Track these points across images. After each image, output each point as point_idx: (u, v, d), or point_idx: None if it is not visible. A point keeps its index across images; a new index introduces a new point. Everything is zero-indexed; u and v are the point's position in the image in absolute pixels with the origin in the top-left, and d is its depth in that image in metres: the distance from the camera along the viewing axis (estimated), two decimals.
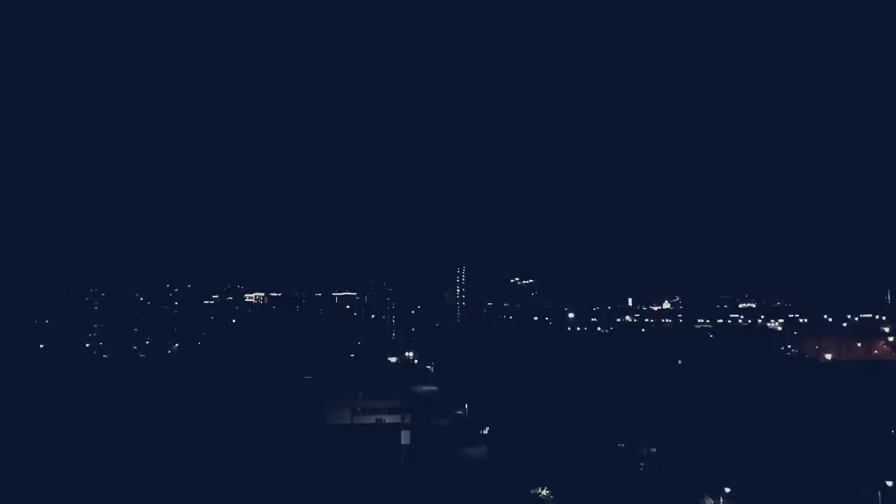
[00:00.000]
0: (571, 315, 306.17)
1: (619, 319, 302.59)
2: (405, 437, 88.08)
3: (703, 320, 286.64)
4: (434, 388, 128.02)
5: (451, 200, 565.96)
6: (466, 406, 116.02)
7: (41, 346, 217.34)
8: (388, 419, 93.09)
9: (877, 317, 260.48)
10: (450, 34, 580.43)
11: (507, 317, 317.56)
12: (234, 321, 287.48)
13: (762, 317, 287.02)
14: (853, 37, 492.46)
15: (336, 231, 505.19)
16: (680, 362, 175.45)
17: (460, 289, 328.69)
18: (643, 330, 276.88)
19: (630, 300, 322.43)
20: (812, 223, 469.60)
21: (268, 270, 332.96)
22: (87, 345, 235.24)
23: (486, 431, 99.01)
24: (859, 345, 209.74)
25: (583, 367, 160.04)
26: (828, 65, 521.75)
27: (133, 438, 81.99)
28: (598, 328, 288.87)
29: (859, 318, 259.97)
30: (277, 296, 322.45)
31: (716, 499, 69.36)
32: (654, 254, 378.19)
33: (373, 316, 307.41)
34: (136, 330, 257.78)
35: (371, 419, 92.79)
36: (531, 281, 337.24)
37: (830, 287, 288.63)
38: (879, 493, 66.97)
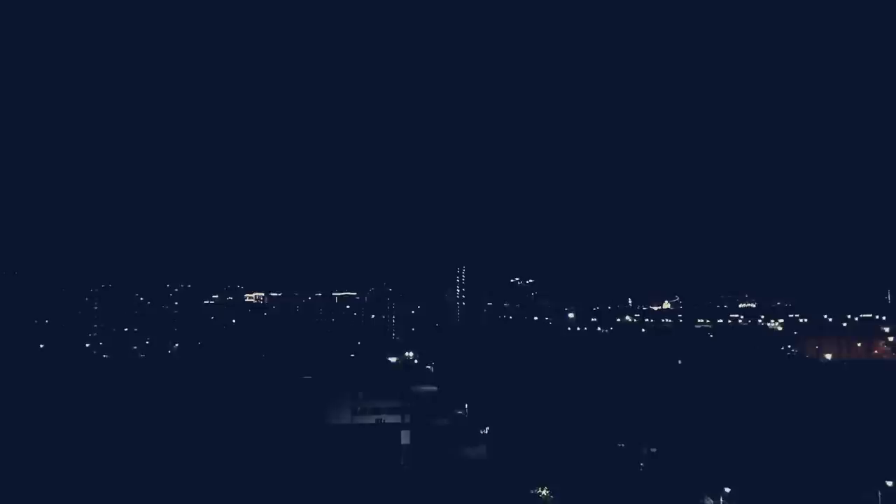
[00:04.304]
0: (571, 315, 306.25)
1: (619, 319, 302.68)
2: (405, 437, 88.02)
3: (703, 320, 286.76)
4: (434, 388, 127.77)
5: (451, 200, 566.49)
6: (466, 406, 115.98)
7: (41, 346, 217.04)
8: (388, 419, 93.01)
9: (877, 317, 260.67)
10: (449, 35, 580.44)
11: (507, 317, 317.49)
12: (234, 321, 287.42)
13: (762, 317, 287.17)
14: (853, 37, 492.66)
15: (336, 231, 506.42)
16: (680, 362, 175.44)
17: (460, 289, 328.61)
18: (643, 330, 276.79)
19: (630, 300, 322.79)
20: (812, 223, 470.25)
21: (268, 270, 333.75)
22: (87, 345, 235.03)
23: (486, 431, 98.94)
24: (859, 345, 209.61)
25: (583, 366, 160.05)
26: (828, 65, 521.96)
27: (133, 439, 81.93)
28: (598, 328, 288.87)
29: (859, 318, 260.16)
30: (277, 296, 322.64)
31: (716, 499, 69.34)
32: (654, 254, 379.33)
33: (373, 316, 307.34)
34: (136, 330, 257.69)
35: (371, 419, 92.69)
36: (531, 281, 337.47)
37: (830, 287, 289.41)
38: (879, 493, 66.94)
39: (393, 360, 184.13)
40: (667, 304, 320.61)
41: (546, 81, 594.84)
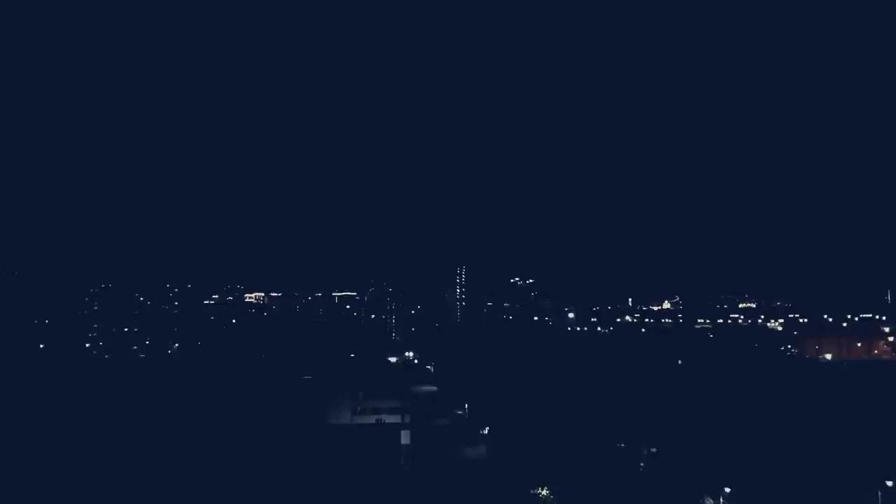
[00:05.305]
0: (571, 315, 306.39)
1: (619, 319, 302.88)
2: (405, 437, 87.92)
3: (703, 320, 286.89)
4: (434, 388, 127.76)
5: (450, 200, 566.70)
6: (466, 406, 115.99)
7: (41, 346, 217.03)
8: (388, 419, 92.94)
9: (877, 317, 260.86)
10: (449, 35, 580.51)
11: (507, 317, 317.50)
12: (234, 321, 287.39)
13: (762, 317, 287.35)
14: (853, 37, 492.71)
15: (336, 231, 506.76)
16: (680, 362, 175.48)
17: (460, 289, 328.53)
18: (643, 330, 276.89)
19: (630, 300, 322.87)
20: (812, 223, 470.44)
21: (268, 270, 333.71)
22: (87, 345, 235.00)
23: (486, 431, 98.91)
24: (859, 345, 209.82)
25: (583, 366, 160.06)
26: (828, 65, 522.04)
27: (133, 439, 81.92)
28: (598, 328, 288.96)
29: (859, 318, 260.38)
30: (277, 296, 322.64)
31: (716, 499, 69.33)
32: (654, 254, 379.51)
33: (373, 316, 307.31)
34: (136, 330, 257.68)
35: (371, 419, 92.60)
36: (531, 281, 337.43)
37: (830, 287, 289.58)
38: (879, 493, 66.92)
39: (393, 360, 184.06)
40: (667, 304, 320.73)
41: (546, 81, 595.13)
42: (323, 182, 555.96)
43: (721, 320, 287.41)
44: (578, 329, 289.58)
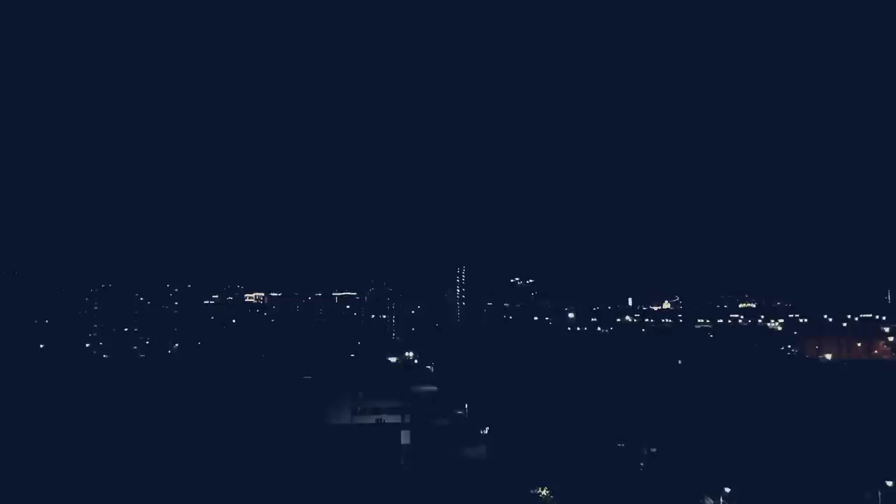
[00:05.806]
0: (571, 315, 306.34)
1: (619, 319, 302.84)
2: (405, 437, 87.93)
3: (703, 320, 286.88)
4: (434, 388, 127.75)
5: (450, 200, 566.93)
6: (466, 406, 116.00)
7: (41, 346, 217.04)
8: (388, 419, 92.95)
9: (877, 317, 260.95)
10: (449, 34, 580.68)
11: (507, 317, 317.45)
12: (234, 321, 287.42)
13: (762, 317, 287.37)
14: (853, 37, 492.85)
15: (336, 231, 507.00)
16: (680, 362, 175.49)
17: (460, 289, 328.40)
18: (643, 330, 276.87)
19: (630, 300, 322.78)
20: (812, 223, 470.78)
21: (268, 270, 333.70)
22: (87, 345, 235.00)
23: (486, 431, 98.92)
24: (859, 345, 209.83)
25: (583, 366, 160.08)
26: (828, 65, 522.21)
27: (133, 439, 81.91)
28: (598, 328, 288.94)
29: (859, 318, 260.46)
30: (277, 296, 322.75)
31: (716, 499, 69.33)
32: (654, 254, 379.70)
33: (373, 316, 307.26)
34: (136, 330, 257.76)
35: (371, 419, 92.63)
36: (531, 281, 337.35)
37: (830, 287, 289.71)
38: (879, 493, 66.93)
39: (393, 360, 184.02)
40: (667, 304, 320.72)
41: (546, 81, 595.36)
42: (323, 182, 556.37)
43: (721, 320, 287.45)
44: (578, 329, 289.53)
